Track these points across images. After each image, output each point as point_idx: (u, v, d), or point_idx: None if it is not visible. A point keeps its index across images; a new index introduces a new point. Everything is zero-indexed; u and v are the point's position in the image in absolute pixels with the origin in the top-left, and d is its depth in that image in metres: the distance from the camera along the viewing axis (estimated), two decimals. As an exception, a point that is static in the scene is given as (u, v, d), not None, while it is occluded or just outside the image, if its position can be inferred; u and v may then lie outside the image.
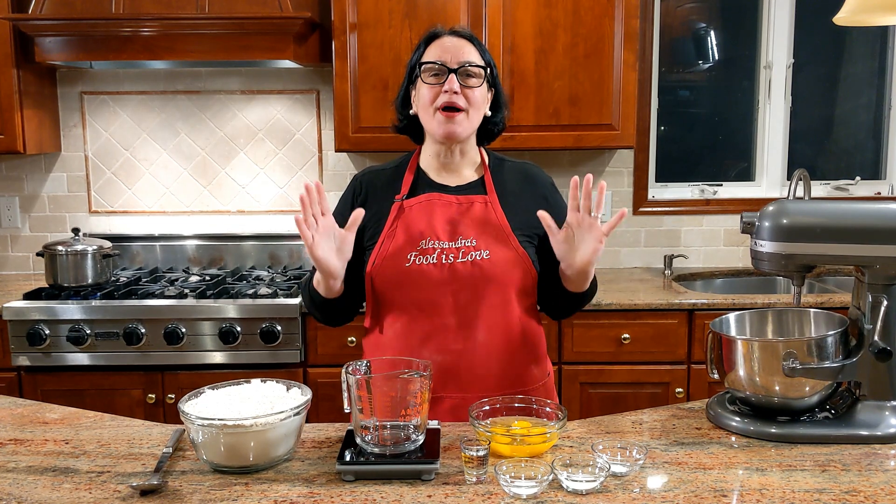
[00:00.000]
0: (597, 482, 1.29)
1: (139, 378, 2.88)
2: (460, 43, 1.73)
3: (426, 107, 1.73)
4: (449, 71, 1.70)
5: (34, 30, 3.00)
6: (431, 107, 1.71)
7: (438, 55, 1.72)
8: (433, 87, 1.71)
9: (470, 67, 1.71)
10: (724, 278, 3.47)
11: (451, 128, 1.71)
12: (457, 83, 1.69)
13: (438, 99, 1.70)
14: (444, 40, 1.74)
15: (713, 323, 1.64)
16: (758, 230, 1.55)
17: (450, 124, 1.71)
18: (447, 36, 1.75)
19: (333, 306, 1.77)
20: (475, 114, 1.74)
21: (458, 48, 1.72)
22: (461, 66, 1.70)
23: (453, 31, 1.76)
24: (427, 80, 1.72)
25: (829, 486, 1.30)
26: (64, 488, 1.33)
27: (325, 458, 1.44)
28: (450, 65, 1.70)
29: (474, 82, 1.72)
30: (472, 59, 1.72)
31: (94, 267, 3.06)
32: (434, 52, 1.73)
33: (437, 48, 1.73)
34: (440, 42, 1.74)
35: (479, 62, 1.73)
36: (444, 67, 1.70)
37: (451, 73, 1.69)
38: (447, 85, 1.69)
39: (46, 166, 3.52)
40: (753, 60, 3.63)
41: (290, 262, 3.47)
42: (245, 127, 3.49)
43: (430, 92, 1.71)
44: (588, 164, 3.50)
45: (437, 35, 1.76)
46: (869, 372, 1.51)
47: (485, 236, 1.71)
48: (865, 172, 3.67)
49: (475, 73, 1.72)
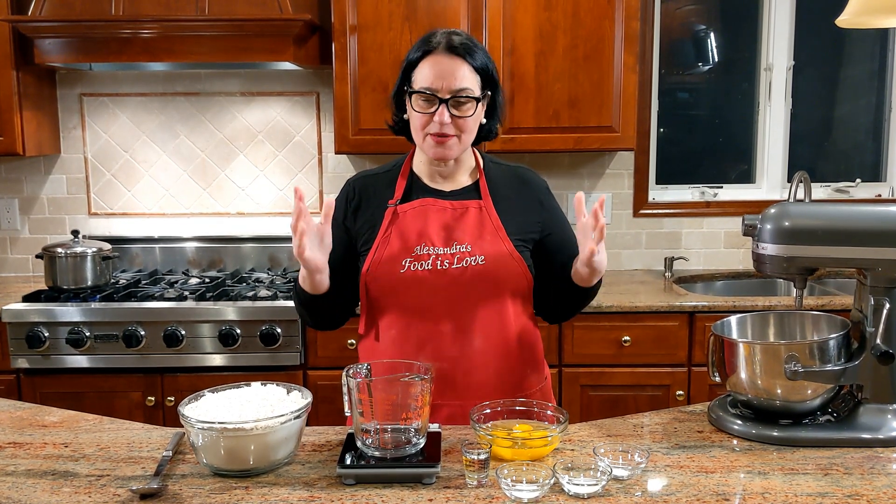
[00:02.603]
0: (598, 486, 1.29)
1: (138, 380, 2.87)
2: (454, 65, 1.64)
3: (417, 130, 1.69)
4: (440, 101, 1.63)
5: (34, 31, 2.99)
6: (421, 130, 1.67)
7: (430, 81, 1.63)
8: (423, 115, 1.65)
9: (461, 97, 1.64)
10: (724, 280, 3.47)
11: (441, 151, 1.68)
12: (447, 115, 1.63)
13: (429, 126, 1.65)
14: (439, 60, 1.64)
15: (715, 325, 1.64)
16: (759, 232, 1.55)
17: (440, 149, 1.67)
18: (441, 53, 1.64)
19: (319, 305, 1.73)
20: (467, 136, 1.69)
21: (450, 73, 1.63)
22: (452, 97, 1.63)
23: (450, 45, 1.65)
24: (417, 107, 1.66)
25: (831, 490, 1.30)
26: (63, 492, 1.32)
27: (326, 461, 1.44)
28: (441, 94, 1.63)
29: (466, 110, 1.65)
30: (465, 84, 1.64)
31: (93, 269, 3.06)
32: (426, 74, 1.64)
33: (429, 69, 1.64)
34: (434, 61, 1.64)
35: (471, 86, 1.65)
36: (434, 97, 1.63)
37: (442, 104, 1.63)
38: (437, 116, 1.63)
39: (46, 168, 3.51)
40: (753, 62, 3.63)
41: (289, 264, 3.46)
42: (245, 129, 3.48)
43: (421, 119, 1.66)
44: (588, 166, 3.50)
45: (431, 48, 1.66)
46: (871, 375, 1.50)
47: (480, 242, 1.69)
48: (866, 175, 3.67)
49: (467, 101, 1.64)
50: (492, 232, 1.71)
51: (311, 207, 3.51)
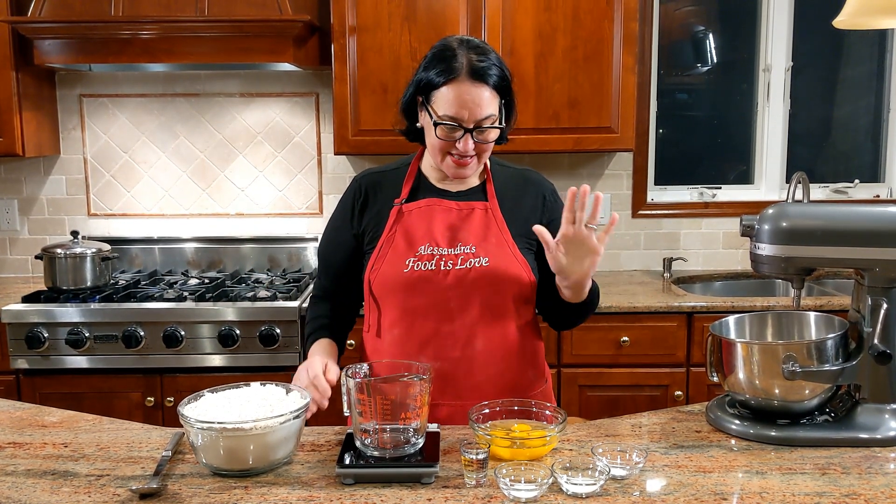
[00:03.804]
0: (597, 485, 1.29)
1: (138, 381, 2.87)
2: (478, 93, 1.59)
3: (434, 150, 1.66)
4: (465, 130, 1.61)
5: (33, 32, 3.00)
6: (441, 152, 1.66)
7: (455, 111, 1.59)
8: (446, 141, 1.63)
9: (485, 126, 1.62)
10: (723, 281, 3.47)
11: (461, 172, 1.67)
12: (471, 143, 1.62)
13: (451, 149, 1.64)
14: (463, 89, 1.59)
15: (713, 326, 1.64)
16: (757, 233, 1.55)
17: (460, 170, 1.67)
18: (466, 80, 1.59)
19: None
20: (486, 155, 1.69)
21: (476, 103, 1.59)
22: (476, 126, 1.61)
23: (472, 70, 1.59)
24: (441, 135, 1.62)
25: (828, 490, 1.30)
26: (63, 492, 1.33)
27: (325, 461, 1.44)
28: (466, 124, 1.60)
29: (488, 135, 1.64)
30: (490, 111, 1.61)
31: (92, 270, 3.06)
32: (449, 102, 1.60)
33: (453, 98, 1.59)
34: (458, 90, 1.59)
35: (494, 114, 1.62)
36: (459, 127, 1.61)
37: (467, 133, 1.61)
38: (461, 144, 1.61)
39: (45, 169, 3.52)
40: (752, 63, 3.63)
41: (289, 264, 3.47)
42: (244, 130, 3.49)
43: (442, 143, 1.64)
44: (587, 166, 3.51)
45: (454, 74, 1.59)
46: (869, 375, 1.51)
47: (484, 243, 1.70)
48: (864, 175, 3.67)
49: (490, 125, 1.63)
50: (497, 234, 1.71)
51: (309, 209, 3.51)
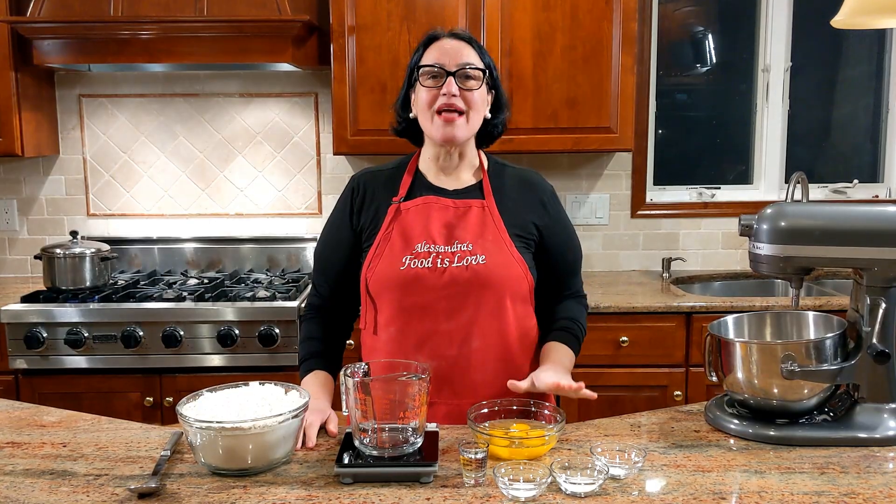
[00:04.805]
0: (595, 485, 1.29)
1: (137, 381, 2.87)
2: (459, 45, 1.72)
3: (424, 110, 1.72)
4: (447, 73, 1.69)
5: (32, 32, 3.00)
6: (430, 110, 1.70)
7: (437, 58, 1.71)
8: (431, 89, 1.70)
9: (469, 70, 1.70)
10: (721, 281, 3.47)
11: (450, 131, 1.70)
12: (455, 86, 1.68)
13: (437, 101, 1.69)
14: (443, 42, 1.73)
15: (711, 325, 1.64)
16: (756, 232, 1.55)
17: (449, 128, 1.69)
18: (446, 38, 1.74)
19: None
20: (475, 116, 1.72)
21: (456, 50, 1.71)
22: (460, 69, 1.69)
23: (452, 34, 1.75)
24: (425, 82, 1.71)
25: (827, 489, 1.30)
26: (61, 491, 1.32)
27: (324, 460, 1.44)
28: (448, 67, 1.69)
29: (473, 84, 1.71)
30: (471, 60, 1.71)
31: (91, 270, 3.06)
32: (432, 54, 1.72)
33: (435, 51, 1.72)
34: (439, 44, 1.73)
35: (478, 64, 1.72)
36: (442, 70, 1.69)
37: (450, 76, 1.68)
38: (445, 88, 1.68)
39: (44, 169, 3.51)
40: (751, 63, 3.63)
41: (288, 264, 3.47)
42: (243, 130, 3.48)
43: (429, 94, 1.70)
44: (586, 166, 3.51)
45: (435, 37, 1.75)
46: (867, 374, 1.51)
47: (481, 241, 1.70)
48: (863, 176, 3.67)
49: (474, 75, 1.71)
50: (494, 232, 1.71)
51: (308, 209, 3.51)
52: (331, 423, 1.58)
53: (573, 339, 1.81)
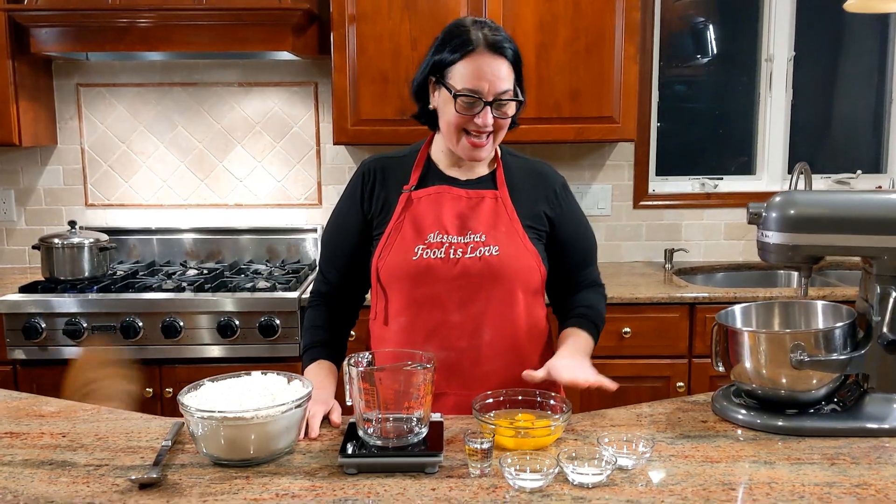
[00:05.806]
0: (603, 475, 1.27)
1: (136, 372, 2.85)
2: (497, 65, 1.59)
3: (451, 127, 1.64)
4: (484, 104, 1.60)
5: (30, 20, 2.97)
6: (457, 130, 1.64)
7: (475, 83, 1.59)
8: (464, 115, 1.61)
9: (504, 99, 1.61)
10: (724, 272, 3.46)
11: (478, 154, 1.66)
12: (490, 116, 1.60)
13: (468, 124, 1.62)
14: (482, 60, 1.59)
15: (719, 315, 1.62)
16: (764, 221, 1.53)
17: (476, 151, 1.65)
18: (483, 52, 1.59)
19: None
20: (501, 135, 1.67)
21: (495, 74, 1.59)
22: (496, 99, 1.60)
23: (488, 43, 1.60)
24: (460, 109, 1.61)
25: (838, 480, 1.28)
26: (61, 482, 1.31)
27: (327, 450, 1.42)
28: (486, 97, 1.59)
29: (507, 111, 1.63)
30: (507, 86, 1.61)
31: (90, 260, 3.03)
32: (469, 74, 1.59)
33: (472, 69, 1.59)
34: (477, 61, 1.59)
35: (511, 88, 1.62)
36: (479, 100, 1.60)
37: (487, 106, 1.59)
38: (480, 119, 1.60)
39: (42, 159, 3.49)
40: (754, 54, 3.61)
41: (288, 255, 3.45)
42: (242, 119, 3.46)
43: (460, 119, 1.62)
44: (589, 157, 3.48)
45: (471, 46, 1.59)
46: (877, 364, 1.49)
47: (494, 232, 1.67)
48: (866, 166, 3.66)
49: (508, 102, 1.63)
50: (507, 223, 1.69)
51: (308, 199, 3.49)
52: (334, 414, 1.56)
53: (591, 324, 1.78)
